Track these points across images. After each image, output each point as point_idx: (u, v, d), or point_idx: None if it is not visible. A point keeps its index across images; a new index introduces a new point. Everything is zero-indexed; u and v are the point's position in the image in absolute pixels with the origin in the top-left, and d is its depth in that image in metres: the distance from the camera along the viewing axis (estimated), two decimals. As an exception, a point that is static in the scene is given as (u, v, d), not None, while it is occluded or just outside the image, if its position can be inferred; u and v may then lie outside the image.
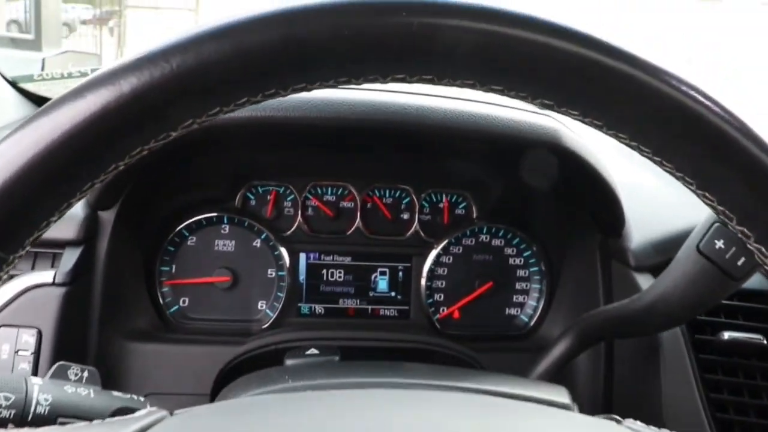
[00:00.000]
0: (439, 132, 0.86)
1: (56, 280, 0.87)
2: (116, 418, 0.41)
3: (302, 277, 1.09)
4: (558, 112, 0.42)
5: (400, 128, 0.85)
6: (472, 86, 0.42)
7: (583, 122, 0.43)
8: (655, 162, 0.43)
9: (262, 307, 1.08)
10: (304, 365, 0.76)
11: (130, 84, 0.36)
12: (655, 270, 0.96)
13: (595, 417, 0.47)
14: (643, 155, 0.43)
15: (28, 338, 0.85)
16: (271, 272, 1.08)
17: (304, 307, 1.10)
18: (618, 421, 0.46)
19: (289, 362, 0.77)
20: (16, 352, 0.84)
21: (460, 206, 1.13)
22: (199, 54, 0.37)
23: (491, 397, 0.60)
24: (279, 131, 0.88)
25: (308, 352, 0.78)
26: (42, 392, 0.54)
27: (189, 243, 1.06)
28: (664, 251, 0.96)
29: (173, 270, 1.06)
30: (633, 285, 0.95)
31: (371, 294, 1.11)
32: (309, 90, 0.40)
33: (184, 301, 1.06)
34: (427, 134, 0.87)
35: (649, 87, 0.39)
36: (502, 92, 0.41)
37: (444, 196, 1.12)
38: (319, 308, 1.10)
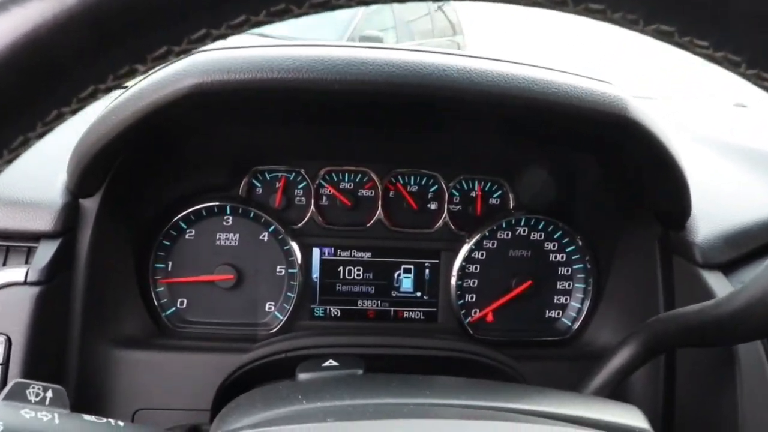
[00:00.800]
0: (484, 98, 0.74)
1: (28, 279, 0.80)
2: None
3: (316, 275, 1.02)
4: (675, 43, 0.32)
5: (439, 93, 0.74)
6: (562, 5, 0.31)
7: (712, 59, 0.32)
8: None
9: (270, 309, 1.00)
10: (321, 380, 0.65)
11: None
12: (727, 267, 0.88)
13: None
14: None
15: (-4, 346, 0.78)
16: (281, 269, 1.00)
17: (318, 309, 1.03)
18: None
19: (302, 376, 0.66)
20: (-18, 362, 0.77)
21: (495, 195, 1.06)
22: None
23: (555, 426, 0.54)
24: (289, 97, 0.76)
25: (325, 364, 0.67)
26: (-9, 418, 0.48)
27: (187, 236, 0.99)
28: (737, 246, 0.88)
29: (169, 267, 0.98)
30: (700, 284, 0.86)
31: (394, 294, 1.04)
32: (333, 7, 0.31)
33: (181, 303, 0.99)
34: (471, 100, 0.75)
35: None
36: (603, 14, 0.31)
37: (476, 183, 1.05)
38: (334, 310, 1.03)
